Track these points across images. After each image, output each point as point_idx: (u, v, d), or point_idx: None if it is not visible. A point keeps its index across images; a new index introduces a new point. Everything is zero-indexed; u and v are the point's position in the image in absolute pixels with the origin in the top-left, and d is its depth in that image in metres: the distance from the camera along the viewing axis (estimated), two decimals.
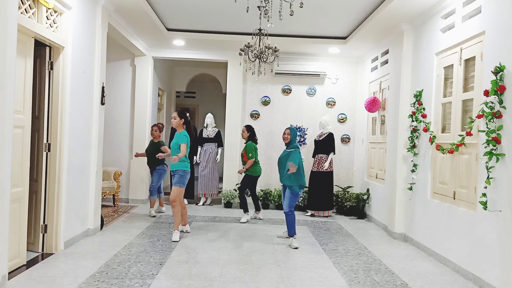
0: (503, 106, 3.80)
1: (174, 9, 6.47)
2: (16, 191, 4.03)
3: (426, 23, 5.61)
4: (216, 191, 8.66)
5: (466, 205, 4.52)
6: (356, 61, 8.73)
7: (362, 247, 5.56)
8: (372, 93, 7.81)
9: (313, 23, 6.90)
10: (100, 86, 5.71)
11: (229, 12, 6.41)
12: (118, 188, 8.01)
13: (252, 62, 6.44)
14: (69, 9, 4.86)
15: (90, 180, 5.60)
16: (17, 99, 3.95)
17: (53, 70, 4.80)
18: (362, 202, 7.69)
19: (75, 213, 5.19)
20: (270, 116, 8.79)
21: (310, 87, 8.78)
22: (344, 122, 8.80)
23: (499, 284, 3.82)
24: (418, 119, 5.67)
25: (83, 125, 5.36)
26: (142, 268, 4.35)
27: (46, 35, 4.44)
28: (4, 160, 3.62)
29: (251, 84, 8.75)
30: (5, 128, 3.62)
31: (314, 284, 4.06)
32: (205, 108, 12.97)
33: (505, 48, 3.87)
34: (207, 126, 8.75)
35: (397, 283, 4.16)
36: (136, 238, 5.62)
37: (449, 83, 5.10)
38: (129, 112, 8.57)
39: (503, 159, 3.82)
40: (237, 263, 4.64)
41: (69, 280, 3.91)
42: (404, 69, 6.10)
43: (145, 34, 7.50)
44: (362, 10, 6.10)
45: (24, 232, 4.25)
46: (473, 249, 4.27)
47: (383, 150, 7.07)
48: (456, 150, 4.68)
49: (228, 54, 8.51)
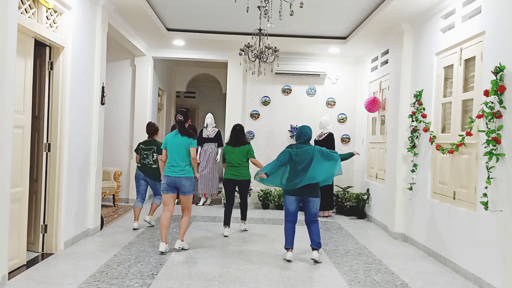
0: (503, 106, 3.80)
1: (174, 9, 6.47)
2: (16, 191, 4.03)
3: (426, 23, 5.61)
4: (216, 191, 8.65)
5: (466, 205, 4.52)
6: (356, 61, 8.73)
7: (362, 247, 5.56)
8: (372, 93, 7.81)
9: (313, 23, 6.90)
10: (100, 86, 5.71)
11: (229, 12, 6.41)
12: (118, 188, 8.02)
13: (252, 62, 6.44)
14: (69, 9, 4.86)
15: (90, 180, 5.60)
16: (17, 99, 3.95)
17: (53, 70, 4.80)
18: (362, 202, 7.69)
19: (75, 213, 5.19)
20: (270, 116, 8.79)
21: (310, 87, 8.78)
22: (344, 122, 8.80)
23: (499, 284, 3.82)
24: (418, 119, 5.67)
25: (83, 125, 5.36)
26: (142, 268, 4.35)
27: (46, 35, 4.44)
28: (4, 160, 3.62)
29: (251, 84, 8.76)
30: (5, 128, 3.62)
31: (314, 284, 4.06)
32: (205, 108, 12.95)
33: (505, 48, 3.87)
34: (207, 126, 8.75)
35: (397, 283, 4.16)
36: (136, 238, 5.62)
37: (449, 83, 5.10)
38: (129, 112, 8.57)
39: (503, 159, 3.81)
40: (237, 263, 4.64)
41: (69, 280, 3.91)
42: (404, 69, 6.10)
43: (145, 34, 7.50)
44: (362, 10, 6.10)
45: (24, 232, 4.25)
46: (473, 249, 4.27)
47: (383, 150, 7.07)
48: (456, 150, 4.68)
49: (228, 54, 8.51)
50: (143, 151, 6.35)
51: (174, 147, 5.02)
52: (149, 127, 6.54)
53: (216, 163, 8.60)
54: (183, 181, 4.99)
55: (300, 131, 4.95)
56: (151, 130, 6.50)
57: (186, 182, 5.00)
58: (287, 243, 4.85)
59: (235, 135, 6.23)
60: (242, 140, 6.23)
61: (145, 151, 6.35)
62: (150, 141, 6.43)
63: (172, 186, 5.04)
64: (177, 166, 5.00)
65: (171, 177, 5.00)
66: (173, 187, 5.06)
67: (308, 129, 4.96)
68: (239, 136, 6.22)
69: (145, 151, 6.36)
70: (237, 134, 6.22)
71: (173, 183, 5.01)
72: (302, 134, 4.92)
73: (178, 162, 5.00)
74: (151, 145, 6.36)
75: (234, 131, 6.26)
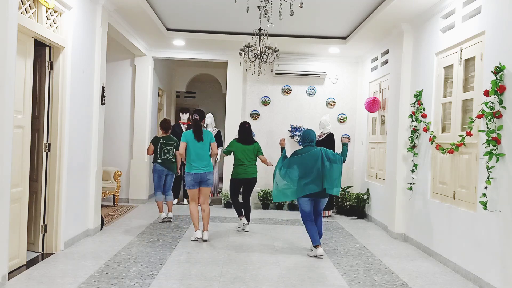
0: (503, 106, 3.80)
1: (174, 9, 6.47)
2: (16, 191, 4.03)
3: (426, 23, 5.61)
4: (216, 191, 8.66)
5: (466, 205, 4.52)
6: (356, 61, 8.73)
7: (362, 247, 5.56)
8: (372, 93, 7.81)
9: (313, 23, 6.90)
10: (100, 86, 5.71)
11: (229, 12, 6.41)
12: (118, 188, 8.01)
13: (252, 62, 6.44)
14: (69, 9, 4.86)
15: (90, 180, 5.60)
16: (17, 99, 3.95)
17: (53, 70, 4.80)
18: (362, 202, 7.69)
19: (75, 213, 5.19)
20: (270, 116, 8.79)
21: (310, 87, 8.78)
22: (344, 122, 8.80)
23: (499, 284, 3.82)
24: (418, 119, 5.67)
25: (83, 125, 5.36)
26: (142, 268, 4.35)
27: (46, 35, 4.44)
28: (4, 160, 3.62)
29: (251, 84, 8.76)
30: (5, 128, 3.62)
31: (314, 284, 4.06)
32: (205, 108, 12.89)
33: (505, 48, 3.87)
34: (207, 126, 8.73)
35: (397, 283, 4.16)
36: (136, 238, 5.62)
37: (449, 83, 5.10)
38: (129, 112, 8.57)
39: (503, 159, 3.81)
40: (237, 263, 4.64)
41: (69, 280, 3.91)
42: (404, 69, 6.09)
43: (145, 34, 7.50)
44: (362, 10, 6.10)
45: (24, 232, 4.25)
46: (473, 249, 4.27)
47: (383, 150, 7.07)
48: (456, 150, 4.68)
49: (228, 54, 8.51)
50: (164, 146, 6.65)
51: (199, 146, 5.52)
52: (166, 123, 6.86)
53: (216, 163, 8.60)
54: (208, 175, 5.59)
55: (303, 135, 5.21)
56: (167, 126, 6.84)
57: (210, 176, 5.62)
58: (314, 241, 5.03)
59: (246, 132, 6.29)
60: (252, 138, 6.37)
61: (166, 147, 6.67)
62: (169, 137, 6.78)
63: (198, 181, 5.55)
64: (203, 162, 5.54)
65: (197, 174, 5.50)
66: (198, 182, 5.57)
67: (311, 132, 5.22)
68: (249, 133, 6.33)
69: (167, 146, 6.67)
70: (248, 132, 6.31)
71: (199, 178, 5.53)
72: (306, 137, 5.16)
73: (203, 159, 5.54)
74: (171, 141, 6.73)
75: (244, 128, 6.32)
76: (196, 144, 5.51)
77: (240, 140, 6.26)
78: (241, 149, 6.17)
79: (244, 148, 6.18)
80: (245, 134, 6.27)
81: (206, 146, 5.57)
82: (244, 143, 6.22)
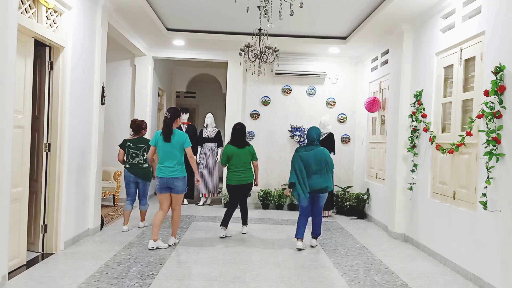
0: (503, 106, 3.80)
1: (174, 9, 6.47)
2: (16, 191, 4.03)
3: (426, 23, 5.61)
4: (216, 191, 8.66)
5: (466, 205, 4.52)
6: (356, 61, 8.73)
7: (362, 247, 5.56)
8: (372, 93, 7.81)
9: (313, 23, 6.90)
10: (100, 86, 5.71)
11: (229, 12, 6.41)
12: (118, 188, 8.01)
13: (252, 62, 6.44)
14: (69, 9, 4.86)
15: (90, 180, 5.60)
16: (17, 99, 3.95)
17: (53, 70, 4.80)
18: (362, 202, 7.69)
19: (75, 213, 5.19)
20: (270, 116, 8.79)
21: (310, 87, 8.78)
22: (344, 122, 8.80)
23: (499, 284, 3.82)
24: (418, 119, 5.67)
25: (83, 125, 5.36)
26: (142, 268, 4.35)
27: (46, 35, 4.44)
28: (4, 160, 3.62)
29: (251, 84, 8.76)
30: (5, 128, 3.62)
31: (314, 284, 4.06)
32: (205, 108, 12.96)
33: (505, 48, 3.87)
34: (207, 126, 8.76)
35: (397, 283, 4.16)
36: (136, 238, 5.62)
37: (449, 83, 5.10)
38: (129, 112, 8.57)
39: (503, 159, 3.82)
40: (237, 263, 4.64)
41: (69, 280, 3.91)
42: (404, 69, 6.10)
43: (145, 34, 7.50)
44: (362, 10, 6.10)
45: (24, 232, 4.25)
46: (473, 249, 4.27)
47: (383, 150, 7.07)
48: (456, 150, 4.68)
49: (228, 54, 8.51)
50: (131, 150, 5.94)
51: (168, 147, 5.00)
52: (134, 124, 6.09)
53: (216, 163, 8.60)
54: (176, 181, 5.04)
55: (306, 134, 5.46)
56: (135, 127, 6.05)
57: (179, 182, 5.06)
58: (298, 234, 5.33)
59: (239, 135, 5.92)
60: (245, 141, 5.98)
61: (134, 150, 5.95)
62: (139, 139, 6.03)
63: (166, 186, 5.08)
64: (171, 165, 5.02)
65: (163, 178, 5.03)
66: (166, 187, 5.09)
67: (313, 130, 5.41)
68: (243, 136, 5.95)
69: (134, 149, 5.95)
70: (241, 134, 5.93)
71: (166, 183, 5.05)
72: (307, 136, 5.41)
73: (171, 162, 5.02)
74: (141, 144, 5.98)
75: (236, 130, 5.94)
76: (164, 145, 4.98)
77: (234, 144, 5.90)
78: (236, 154, 5.84)
79: (238, 153, 5.85)
80: (238, 136, 5.90)
81: (176, 148, 4.99)
82: (238, 146, 5.86)
